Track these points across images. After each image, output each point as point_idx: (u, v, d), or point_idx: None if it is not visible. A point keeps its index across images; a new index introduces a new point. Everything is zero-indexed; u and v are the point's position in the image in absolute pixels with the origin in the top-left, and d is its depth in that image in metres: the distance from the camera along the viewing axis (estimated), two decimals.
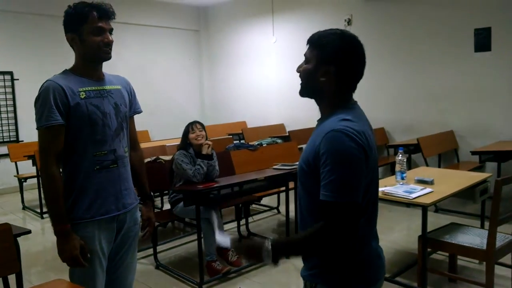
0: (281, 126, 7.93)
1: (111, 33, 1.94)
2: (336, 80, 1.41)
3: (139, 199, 2.19)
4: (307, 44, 1.47)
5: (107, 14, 1.91)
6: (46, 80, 1.88)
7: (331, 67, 1.39)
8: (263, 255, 1.35)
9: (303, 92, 1.49)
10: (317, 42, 1.44)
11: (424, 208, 2.89)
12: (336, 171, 1.28)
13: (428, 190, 3.05)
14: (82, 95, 1.89)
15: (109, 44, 1.92)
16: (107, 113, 1.95)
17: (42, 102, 1.83)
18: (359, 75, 1.45)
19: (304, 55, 1.48)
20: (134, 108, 2.14)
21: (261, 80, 8.43)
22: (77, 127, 1.88)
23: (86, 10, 1.87)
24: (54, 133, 1.84)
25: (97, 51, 1.90)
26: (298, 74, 1.48)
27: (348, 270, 1.40)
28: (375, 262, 1.46)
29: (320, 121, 1.46)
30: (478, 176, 3.49)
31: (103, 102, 1.95)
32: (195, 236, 3.94)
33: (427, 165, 5.18)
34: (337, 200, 1.27)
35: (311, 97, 1.49)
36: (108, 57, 1.95)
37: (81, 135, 1.89)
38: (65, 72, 1.95)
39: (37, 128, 1.86)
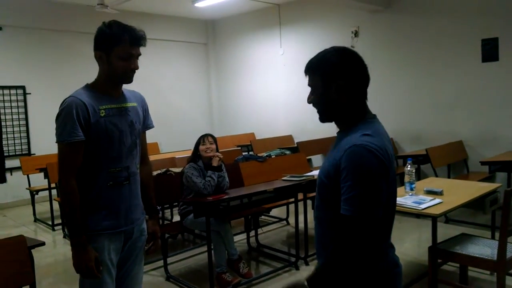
0: (290, 138, 7.96)
1: (137, 59, 1.97)
2: (348, 92, 1.44)
3: (145, 212, 2.23)
4: (306, 75, 1.51)
5: (139, 41, 1.94)
6: (69, 96, 1.92)
7: (339, 81, 1.43)
8: None
9: (324, 118, 1.52)
10: (315, 67, 1.48)
11: (434, 218, 2.89)
12: (357, 186, 1.31)
13: (437, 200, 3.05)
14: (102, 113, 1.93)
15: (134, 71, 1.96)
16: (123, 131, 2.00)
17: (64, 117, 1.87)
18: (366, 79, 1.48)
19: (308, 85, 1.51)
20: (146, 124, 2.18)
21: (269, 91, 8.49)
22: (95, 144, 1.92)
23: (120, 34, 1.89)
24: (75, 148, 1.88)
25: (121, 75, 1.95)
26: (311, 104, 1.52)
27: (368, 279, 1.43)
28: (393, 271, 1.49)
29: (340, 134, 1.49)
30: (487, 187, 3.47)
31: (121, 120, 1.99)
32: (205, 248, 3.96)
33: (436, 175, 5.17)
34: (358, 215, 1.31)
35: (332, 120, 1.51)
36: (130, 81, 2.00)
37: (98, 152, 1.94)
38: (86, 87, 1.98)
39: (57, 142, 1.90)
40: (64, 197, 1.90)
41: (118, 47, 1.89)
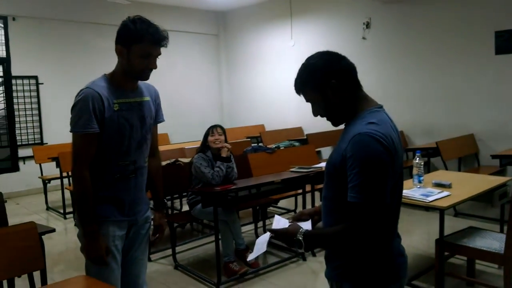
0: (299, 129, 7.96)
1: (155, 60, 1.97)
2: (344, 87, 1.46)
3: (150, 203, 2.25)
4: (298, 93, 1.54)
5: (161, 42, 1.94)
6: (86, 87, 1.93)
7: (331, 82, 1.45)
8: (295, 243, 1.45)
9: (337, 121, 1.53)
10: (303, 82, 1.51)
11: (441, 211, 2.88)
12: (363, 173, 1.33)
13: (445, 193, 3.04)
14: (116, 107, 1.95)
15: (151, 69, 1.98)
16: (134, 125, 2.01)
17: (80, 108, 1.89)
18: (352, 68, 1.49)
19: (306, 101, 1.54)
20: (157, 118, 2.19)
21: (279, 83, 8.47)
22: (106, 137, 1.94)
23: (144, 32, 1.88)
24: (89, 140, 1.91)
25: (139, 72, 1.96)
26: (318, 116, 1.54)
27: (372, 267, 1.45)
28: (398, 260, 1.51)
29: (347, 125, 1.50)
30: (497, 180, 3.45)
31: (132, 115, 2.01)
32: (213, 237, 4.00)
33: (446, 168, 5.13)
34: (365, 202, 1.32)
35: (344, 121, 1.52)
36: (146, 79, 2.02)
37: (108, 145, 1.96)
38: (104, 78, 1.99)
39: (71, 131, 1.92)
40: (77, 187, 1.94)
41: (139, 45, 1.89)
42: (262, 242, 1.58)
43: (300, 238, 1.44)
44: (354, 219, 1.35)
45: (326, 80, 1.45)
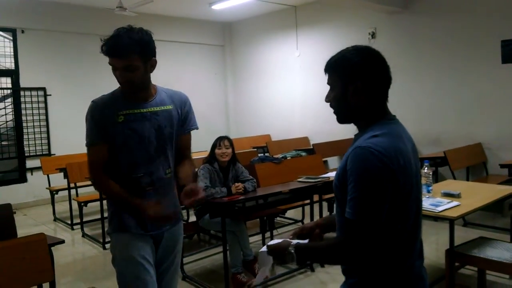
0: (306, 139, 7.94)
1: (129, 70, 1.85)
2: (367, 93, 1.40)
3: (180, 220, 2.17)
4: (325, 73, 1.47)
5: (111, 52, 1.84)
6: (92, 100, 1.96)
7: (358, 82, 1.39)
8: (286, 257, 1.42)
9: (342, 119, 1.48)
10: (334, 66, 1.44)
11: (451, 221, 2.86)
12: (358, 189, 1.28)
13: (455, 203, 3.01)
14: (121, 118, 1.92)
15: (129, 82, 1.88)
16: (146, 136, 1.96)
17: (87, 122, 1.95)
18: (387, 80, 1.43)
19: (327, 83, 1.48)
20: (188, 125, 2.14)
21: (285, 93, 8.49)
22: (115, 149, 1.94)
23: (103, 45, 1.85)
24: (97, 150, 1.94)
25: (121, 86, 1.95)
26: (329, 103, 1.49)
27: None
28: (416, 284, 1.43)
29: (356, 136, 1.45)
30: (506, 190, 3.42)
31: (143, 125, 1.95)
32: (220, 248, 3.99)
33: (454, 178, 5.10)
34: (357, 219, 1.28)
35: (350, 121, 1.47)
36: (129, 91, 1.94)
37: (116, 157, 1.95)
38: (113, 91, 2.00)
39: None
40: (102, 189, 2.01)
41: (108, 58, 1.88)
42: (263, 265, 1.54)
43: (292, 250, 1.40)
44: (346, 235, 1.32)
45: (353, 78, 1.39)
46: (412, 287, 1.42)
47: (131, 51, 1.83)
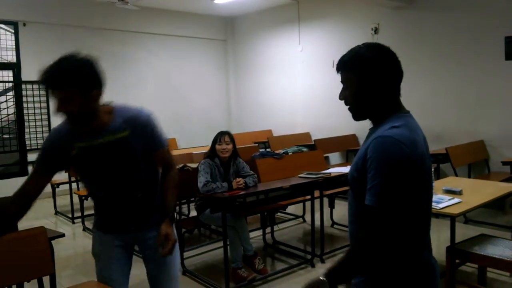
0: (307, 135, 7.93)
1: (66, 102, 1.71)
2: (383, 88, 1.43)
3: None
4: (338, 71, 1.48)
5: (46, 82, 1.75)
6: (52, 128, 1.96)
7: (373, 78, 1.41)
8: (320, 285, 1.33)
9: (359, 115, 1.49)
10: (349, 64, 1.46)
11: (452, 218, 2.85)
12: (380, 176, 1.30)
13: (456, 200, 3.01)
14: (74, 152, 1.86)
15: (71, 113, 1.74)
16: (102, 166, 1.89)
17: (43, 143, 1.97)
18: (399, 74, 1.46)
19: (341, 82, 1.48)
20: (155, 147, 1.95)
21: (287, 88, 8.47)
22: (77, 172, 2.03)
23: (40, 73, 1.76)
24: (33, 173, 2.01)
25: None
26: (343, 101, 1.49)
27: (397, 279, 1.40)
28: (427, 273, 1.44)
29: (372, 130, 1.48)
30: (508, 187, 3.41)
31: (97, 156, 1.87)
32: (221, 243, 3.99)
33: (456, 175, 5.09)
34: (379, 206, 1.29)
35: (366, 117, 1.49)
36: (75, 127, 1.81)
37: (82, 180, 2.05)
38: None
39: None
40: None
41: None
42: None
43: (322, 278, 1.31)
44: (369, 225, 1.31)
45: (368, 74, 1.41)
46: (422, 275, 1.43)
47: (67, 82, 1.71)
